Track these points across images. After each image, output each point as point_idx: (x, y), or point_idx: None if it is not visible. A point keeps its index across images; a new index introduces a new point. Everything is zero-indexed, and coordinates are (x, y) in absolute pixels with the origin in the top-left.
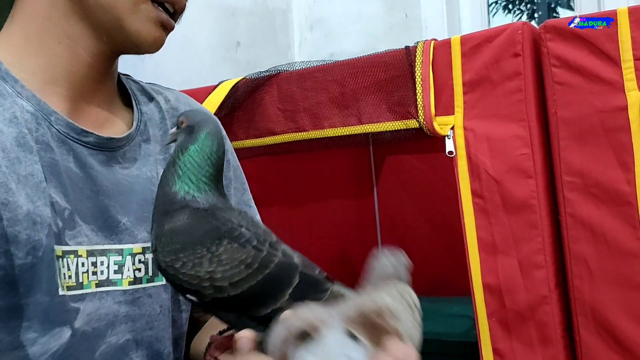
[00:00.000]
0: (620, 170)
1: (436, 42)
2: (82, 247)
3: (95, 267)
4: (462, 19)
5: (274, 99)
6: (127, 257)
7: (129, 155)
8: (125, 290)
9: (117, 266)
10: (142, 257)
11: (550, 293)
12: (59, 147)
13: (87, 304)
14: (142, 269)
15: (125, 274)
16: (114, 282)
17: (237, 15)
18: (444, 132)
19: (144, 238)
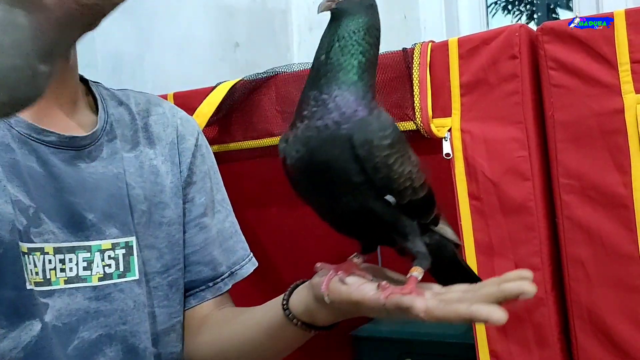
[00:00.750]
0: (617, 173)
1: (434, 44)
2: (49, 244)
3: (64, 264)
4: (460, 20)
5: (272, 101)
6: (95, 254)
7: (95, 153)
8: (96, 286)
9: (85, 263)
10: (112, 253)
11: (546, 295)
12: (20, 147)
13: (56, 300)
14: (113, 265)
15: (95, 270)
16: (84, 278)
17: (236, 16)
18: (441, 134)
19: (113, 234)
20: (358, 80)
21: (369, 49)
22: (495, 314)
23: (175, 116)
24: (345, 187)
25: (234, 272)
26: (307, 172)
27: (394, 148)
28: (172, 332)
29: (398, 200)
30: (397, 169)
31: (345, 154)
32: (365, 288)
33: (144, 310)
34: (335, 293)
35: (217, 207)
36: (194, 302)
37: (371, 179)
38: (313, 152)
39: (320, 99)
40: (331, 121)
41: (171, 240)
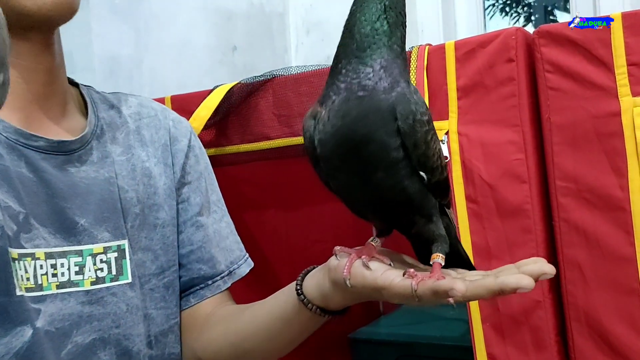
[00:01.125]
0: (613, 175)
1: (431, 47)
2: (40, 249)
3: (55, 269)
4: (458, 23)
5: (269, 104)
6: (87, 258)
7: (85, 157)
8: (88, 290)
9: (77, 267)
10: (104, 257)
11: (544, 298)
12: (9, 153)
13: (48, 305)
14: (105, 269)
15: (87, 274)
16: (76, 283)
17: (234, 19)
18: (439, 137)
19: (105, 238)
20: (401, 52)
21: (404, 20)
22: (524, 280)
23: (167, 118)
24: (383, 163)
25: (232, 271)
26: (342, 146)
27: (430, 124)
28: (170, 334)
29: (430, 177)
30: (433, 146)
31: (387, 126)
32: (391, 274)
33: (137, 313)
34: (358, 277)
35: (213, 207)
36: (194, 300)
37: (409, 155)
38: (353, 124)
39: (364, 70)
40: (376, 91)
41: (166, 242)
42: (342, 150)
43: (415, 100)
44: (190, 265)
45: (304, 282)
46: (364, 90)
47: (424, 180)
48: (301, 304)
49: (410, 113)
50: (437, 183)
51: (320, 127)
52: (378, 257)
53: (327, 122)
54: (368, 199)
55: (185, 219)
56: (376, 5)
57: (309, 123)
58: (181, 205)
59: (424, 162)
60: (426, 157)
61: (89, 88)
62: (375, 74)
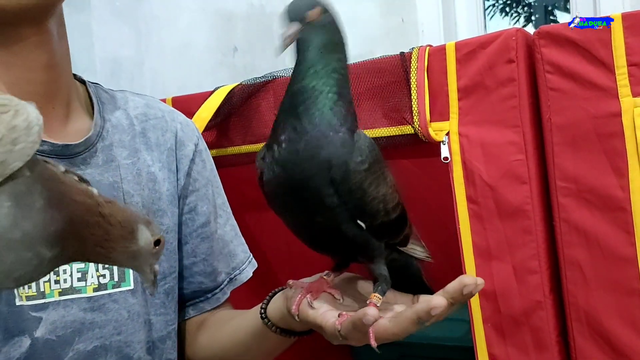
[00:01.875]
0: (613, 176)
1: (431, 48)
2: None
3: (58, 276)
4: (458, 23)
5: (270, 105)
6: (89, 264)
7: (89, 160)
8: (90, 297)
9: (80, 273)
10: None
11: (544, 298)
12: None
13: (50, 313)
14: (107, 275)
15: (89, 280)
16: (78, 289)
17: (234, 21)
18: (439, 137)
19: None
20: (335, 103)
21: (339, 66)
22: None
23: (175, 121)
24: (319, 208)
25: (234, 277)
26: (283, 190)
27: (369, 171)
28: (168, 340)
29: (370, 222)
30: (371, 192)
31: (321, 176)
32: (328, 315)
33: (138, 319)
34: (303, 314)
35: (219, 211)
36: (193, 312)
37: (345, 202)
38: (290, 173)
39: (300, 125)
40: (310, 146)
41: (168, 248)
42: (281, 193)
43: (353, 151)
44: (192, 278)
45: (268, 305)
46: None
47: (362, 226)
48: (266, 327)
49: (341, 165)
50: (381, 226)
51: (266, 169)
52: (329, 291)
53: (270, 167)
54: (314, 238)
55: (192, 230)
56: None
57: (259, 162)
58: (188, 215)
59: (361, 208)
60: (363, 202)
61: (96, 86)
62: (312, 129)
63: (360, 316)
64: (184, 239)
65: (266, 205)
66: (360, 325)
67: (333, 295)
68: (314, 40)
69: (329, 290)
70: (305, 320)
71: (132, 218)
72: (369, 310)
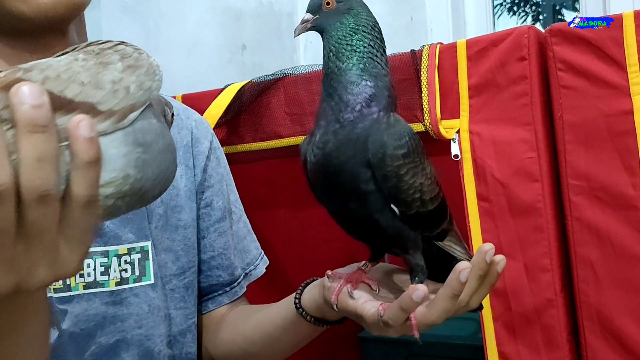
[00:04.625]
0: (625, 174)
1: (442, 46)
2: None
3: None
4: (467, 22)
5: (281, 103)
6: (112, 259)
7: None
8: (113, 290)
9: (103, 268)
10: (128, 258)
11: (556, 296)
12: None
13: (74, 306)
14: (129, 270)
15: (112, 275)
16: (101, 283)
17: (243, 18)
18: (450, 135)
19: (129, 239)
20: (360, 78)
21: (362, 46)
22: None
23: (190, 118)
24: (354, 193)
25: (249, 272)
26: (322, 175)
27: (408, 158)
28: (188, 333)
29: (404, 210)
30: (407, 180)
31: (358, 157)
32: (369, 305)
33: (158, 313)
34: (342, 304)
35: (232, 208)
36: (212, 306)
37: (380, 188)
38: (328, 155)
39: (334, 106)
40: (347, 121)
41: (187, 243)
42: (322, 178)
43: (391, 134)
44: (210, 271)
45: (302, 295)
46: (338, 123)
47: (396, 213)
48: (300, 316)
49: (379, 149)
50: (416, 216)
51: (308, 154)
52: (366, 282)
53: (311, 151)
54: (349, 225)
55: (209, 225)
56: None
57: (303, 147)
58: (204, 210)
59: (395, 195)
60: (398, 189)
61: None
62: (343, 105)
63: (410, 293)
64: (201, 234)
65: (276, 202)
66: (408, 304)
67: (370, 286)
68: (330, 25)
69: (366, 281)
70: (344, 309)
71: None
72: (419, 286)
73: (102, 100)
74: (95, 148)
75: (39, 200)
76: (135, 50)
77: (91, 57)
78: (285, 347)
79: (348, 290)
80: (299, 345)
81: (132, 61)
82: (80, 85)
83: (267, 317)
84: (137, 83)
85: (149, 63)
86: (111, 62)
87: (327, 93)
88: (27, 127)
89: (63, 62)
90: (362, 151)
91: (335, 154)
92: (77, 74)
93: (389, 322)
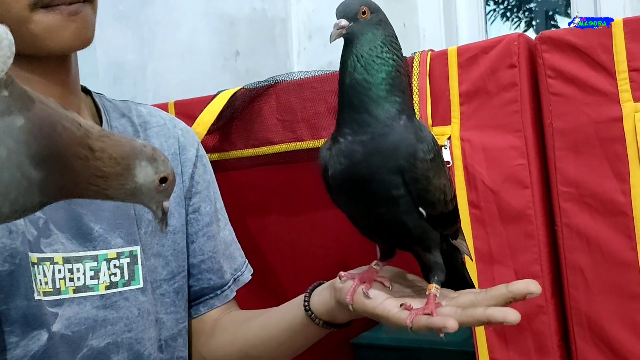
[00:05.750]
0: (615, 180)
1: (433, 53)
2: (58, 254)
3: (72, 274)
4: (459, 28)
5: (273, 109)
6: (102, 263)
7: None
8: (103, 294)
9: (92, 272)
10: (117, 262)
11: (546, 303)
12: None
13: (65, 309)
14: (118, 274)
15: (102, 279)
16: (91, 287)
17: (236, 25)
18: (441, 142)
19: (118, 244)
20: (389, 94)
21: (391, 60)
22: (510, 315)
23: (176, 127)
24: (383, 200)
25: (237, 278)
26: (348, 183)
27: (434, 162)
28: (179, 338)
29: (430, 211)
30: (435, 182)
31: (388, 165)
32: (389, 305)
33: (148, 317)
34: (359, 304)
35: (218, 215)
36: (203, 309)
37: (409, 191)
38: (357, 165)
39: (360, 118)
40: (377, 135)
41: (176, 248)
42: (347, 186)
43: (419, 139)
44: (201, 275)
45: (311, 298)
46: (366, 135)
47: (423, 215)
48: (309, 319)
49: (410, 153)
50: (439, 216)
51: (332, 162)
52: (379, 280)
53: (337, 159)
54: (372, 227)
55: (197, 229)
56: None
57: (324, 153)
58: (193, 215)
59: (424, 197)
60: (426, 191)
61: (100, 96)
62: (373, 119)
63: (439, 325)
64: (190, 238)
65: (268, 209)
66: (436, 330)
67: (383, 283)
68: (364, 35)
69: (379, 279)
70: (361, 309)
71: (131, 153)
72: (449, 323)
73: None
74: None
75: None
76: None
77: None
78: (289, 351)
79: (363, 290)
80: (302, 349)
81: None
82: None
83: (271, 320)
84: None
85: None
86: None
87: (351, 104)
88: None
89: None
90: (393, 159)
91: (365, 164)
92: None
93: (416, 331)
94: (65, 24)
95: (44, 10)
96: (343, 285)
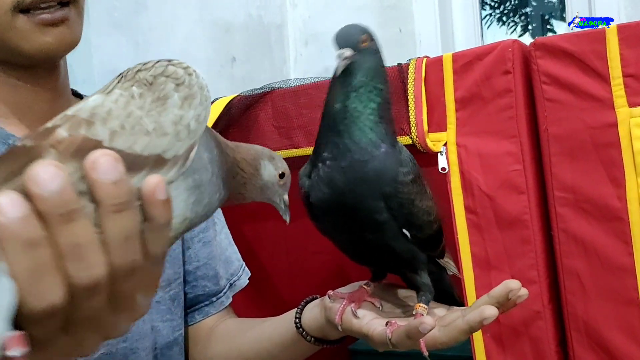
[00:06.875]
0: (611, 185)
1: (428, 59)
2: None
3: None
4: (455, 34)
5: (269, 116)
6: None
7: None
8: None
9: None
10: None
11: (543, 308)
12: None
13: None
14: None
15: None
16: None
17: (232, 31)
18: (437, 148)
19: None
20: (378, 122)
21: (382, 90)
22: (487, 310)
23: None
24: (370, 226)
25: (233, 283)
26: (333, 212)
27: (415, 183)
28: (174, 346)
29: (418, 234)
30: (418, 204)
31: (371, 192)
32: (375, 324)
33: (143, 326)
34: (347, 324)
35: (215, 219)
36: (199, 317)
37: (394, 216)
38: (339, 194)
39: (342, 143)
40: (356, 162)
41: (172, 255)
42: (332, 215)
43: (400, 160)
44: (196, 282)
45: (302, 314)
46: (345, 161)
47: (408, 238)
48: (300, 336)
49: (391, 178)
50: (426, 238)
51: (313, 190)
52: (369, 300)
53: (317, 187)
54: (359, 253)
55: (193, 235)
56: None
57: (303, 180)
58: None
59: (410, 221)
60: (412, 215)
61: None
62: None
63: (416, 325)
64: (186, 244)
65: (264, 215)
66: (415, 334)
67: (373, 304)
68: (364, 65)
69: (369, 299)
70: (349, 329)
71: (256, 155)
72: (426, 319)
73: (168, 148)
74: (170, 208)
75: (128, 273)
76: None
77: (146, 91)
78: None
79: (352, 309)
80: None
81: (186, 90)
82: (147, 134)
83: (264, 333)
84: (195, 117)
85: (199, 86)
86: (168, 96)
87: (335, 129)
88: (111, 208)
89: (121, 104)
90: (377, 186)
91: (349, 193)
92: (140, 119)
93: (396, 345)
94: (45, 29)
95: (23, 16)
96: (332, 305)
